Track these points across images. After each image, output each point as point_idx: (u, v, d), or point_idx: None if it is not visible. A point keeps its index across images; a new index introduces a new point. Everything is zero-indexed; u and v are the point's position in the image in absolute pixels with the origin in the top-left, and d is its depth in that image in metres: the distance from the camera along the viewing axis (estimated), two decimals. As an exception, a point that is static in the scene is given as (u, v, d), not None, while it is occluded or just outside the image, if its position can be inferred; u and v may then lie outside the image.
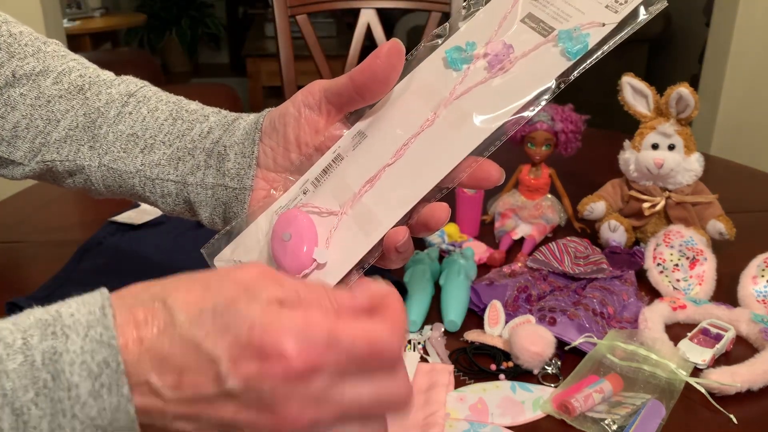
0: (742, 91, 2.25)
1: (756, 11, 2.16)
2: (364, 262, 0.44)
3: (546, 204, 0.91)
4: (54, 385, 0.31)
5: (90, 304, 0.33)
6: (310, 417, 0.32)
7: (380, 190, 0.44)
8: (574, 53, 0.42)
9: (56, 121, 0.54)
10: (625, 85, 0.84)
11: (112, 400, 0.32)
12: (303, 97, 0.48)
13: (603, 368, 0.62)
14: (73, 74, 0.56)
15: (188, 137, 0.53)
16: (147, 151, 0.53)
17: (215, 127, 0.53)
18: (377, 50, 0.45)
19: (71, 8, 4.08)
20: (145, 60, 3.46)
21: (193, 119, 0.54)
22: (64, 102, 0.55)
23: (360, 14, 1.57)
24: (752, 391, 0.61)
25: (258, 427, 0.33)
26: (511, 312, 0.71)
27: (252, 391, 0.31)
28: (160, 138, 0.53)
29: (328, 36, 4.24)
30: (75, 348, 0.31)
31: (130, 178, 0.54)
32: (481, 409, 0.59)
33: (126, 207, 0.95)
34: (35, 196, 1.04)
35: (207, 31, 5.18)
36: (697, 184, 0.84)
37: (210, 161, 0.52)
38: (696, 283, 0.77)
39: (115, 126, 0.54)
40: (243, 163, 0.51)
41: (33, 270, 0.84)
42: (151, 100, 0.55)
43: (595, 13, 0.43)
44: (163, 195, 0.54)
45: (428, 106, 0.45)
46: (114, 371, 0.31)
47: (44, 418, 0.31)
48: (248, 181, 0.50)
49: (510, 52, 0.44)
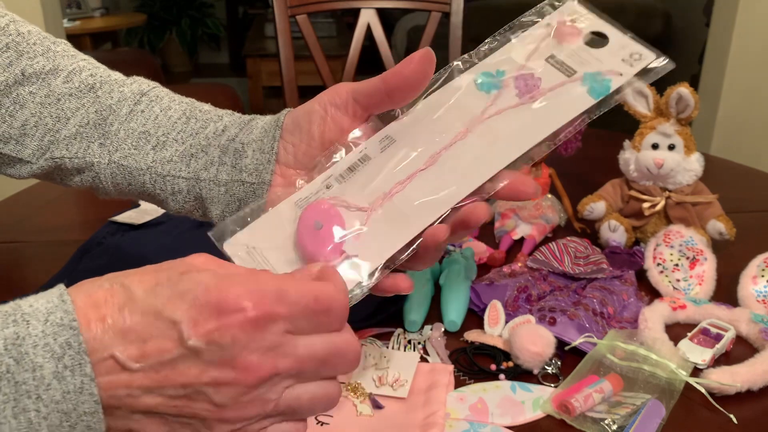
0: (742, 91, 2.25)
1: (756, 11, 2.16)
2: (394, 260, 0.45)
3: (546, 204, 0.91)
4: (17, 368, 0.32)
5: (47, 295, 0.35)
6: (270, 368, 0.35)
7: (412, 192, 0.46)
8: (597, 94, 0.46)
9: (66, 119, 0.54)
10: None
11: (75, 380, 0.32)
12: (329, 97, 0.49)
13: (603, 368, 0.62)
14: (84, 73, 0.56)
15: (202, 135, 0.53)
16: (159, 148, 0.53)
17: (230, 125, 0.54)
18: (410, 56, 0.47)
19: (71, 8, 4.09)
20: (145, 60, 3.46)
21: (207, 118, 0.54)
22: (75, 100, 0.55)
23: (360, 14, 1.57)
24: (752, 391, 0.61)
25: (221, 384, 0.34)
26: (511, 312, 0.71)
27: (213, 346, 0.33)
28: (173, 136, 0.53)
29: (328, 36, 4.24)
30: (36, 332, 0.33)
31: (141, 175, 0.54)
32: (481, 409, 0.59)
33: (126, 207, 0.95)
34: (35, 196, 1.04)
35: (207, 31, 5.18)
36: (697, 184, 0.84)
37: (225, 158, 0.52)
38: (696, 283, 0.77)
39: (127, 123, 0.54)
40: (262, 158, 0.51)
41: (33, 270, 0.84)
42: (164, 100, 0.55)
43: (612, 64, 0.48)
44: (173, 192, 0.54)
45: (460, 121, 0.48)
46: (76, 352, 0.32)
47: (8, 403, 0.31)
48: (267, 175, 0.51)
49: (539, 83, 0.48)
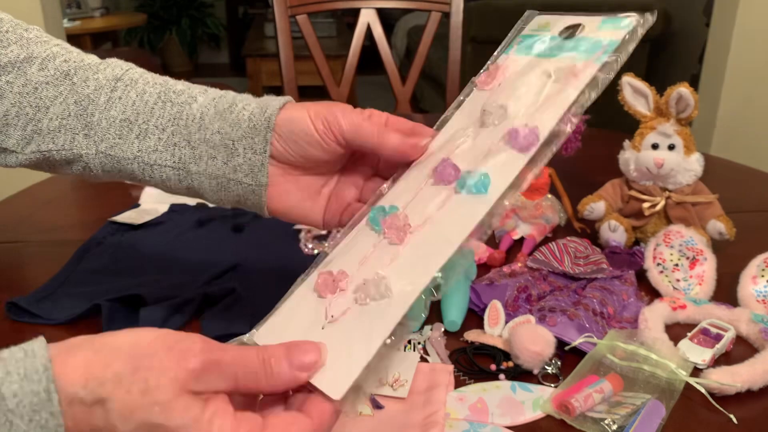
0: (742, 91, 2.25)
1: (756, 11, 2.16)
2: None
3: (546, 204, 0.91)
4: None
5: (33, 382, 0.34)
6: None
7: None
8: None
9: (45, 108, 0.54)
10: (625, 85, 0.84)
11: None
12: (327, 123, 0.50)
13: (603, 368, 0.62)
14: (58, 60, 0.56)
15: (181, 122, 0.53)
16: (142, 136, 0.53)
17: (208, 112, 0.53)
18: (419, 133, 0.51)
19: (71, 8, 4.09)
20: (145, 60, 3.46)
21: (182, 101, 0.54)
22: (52, 88, 0.55)
23: (360, 14, 1.57)
24: (752, 391, 0.61)
25: None
26: (511, 312, 0.71)
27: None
28: (153, 122, 0.53)
29: (328, 36, 4.25)
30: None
31: (129, 164, 0.54)
32: (481, 409, 0.59)
33: (126, 207, 0.95)
34: (35, 196, 1.04)
35: (207, 31, 5.19)
36: (697, 184, 0.84)
37: (214, 152, 0.52)
38: (696, 283, 0.77)
39: (107, 112, 0.54)
40: (255, 160, 0.51)
41: (33, 270, 0.84)
42: (138, 83, 0.55)
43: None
44: (163, 180, 0.54)
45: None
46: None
47: None
48: (263, 178, 0.51)
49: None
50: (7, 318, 0.70)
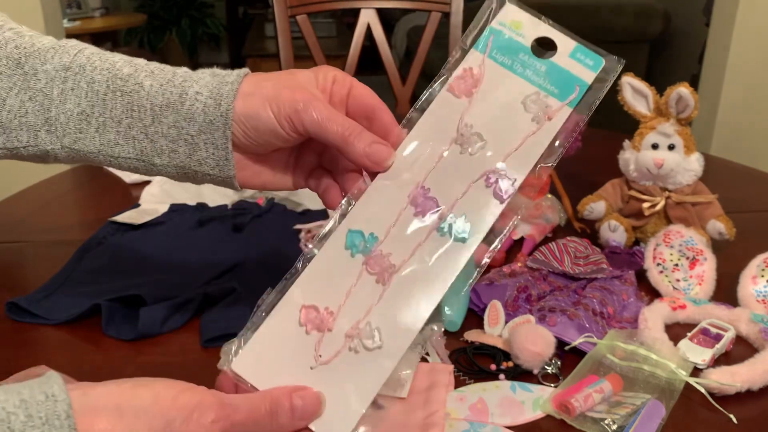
0: (742, 91, 2.25)
1: (756, 11, 2.16)
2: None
3: (546, 204, 0.91)
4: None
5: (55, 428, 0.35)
6: None
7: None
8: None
9: (2, 99, 0.53)
10: (625, 85, 0.84)
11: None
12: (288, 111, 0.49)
13: (603, 368, 0.62)
14: (9, 46, 0.54)
15: (134, 113, 0.52)
16: (101, 130, 0.53)
17: (157, 102, 0.52)
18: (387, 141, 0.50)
19: (71, 8, 4.09)
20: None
21: (130, 90, 0.52)
22: (5, 79, 0.53)
23: (360, 14, 1.57)
24: (752, 391, 0.61)
25: None
26: (511, 312, 0.71)
27: None
28: (108, 114, 0.52)
29: (328, 36, 4.24)
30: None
31: (95, 156, 0.54)
32: (481, 409, 0.59)
33: (126, 207, 0.95)
34: (35, 196, 1.04)
35: (207, 31, 5.18)
36: (697, 184, 0.84)
37: (175, 146, 0.52)
38: (696, 283, 0.77)
39: (63, 106, 0.53)
40: (218, 155, 0.52)
41: (33, 270, 0.84)
42: (86, 70, 0.53)
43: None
44: (130, 169, 0.54)
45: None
46: None
47: None
48: (230, 171, 0.52)
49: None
50: (7, 318, 0.71)
